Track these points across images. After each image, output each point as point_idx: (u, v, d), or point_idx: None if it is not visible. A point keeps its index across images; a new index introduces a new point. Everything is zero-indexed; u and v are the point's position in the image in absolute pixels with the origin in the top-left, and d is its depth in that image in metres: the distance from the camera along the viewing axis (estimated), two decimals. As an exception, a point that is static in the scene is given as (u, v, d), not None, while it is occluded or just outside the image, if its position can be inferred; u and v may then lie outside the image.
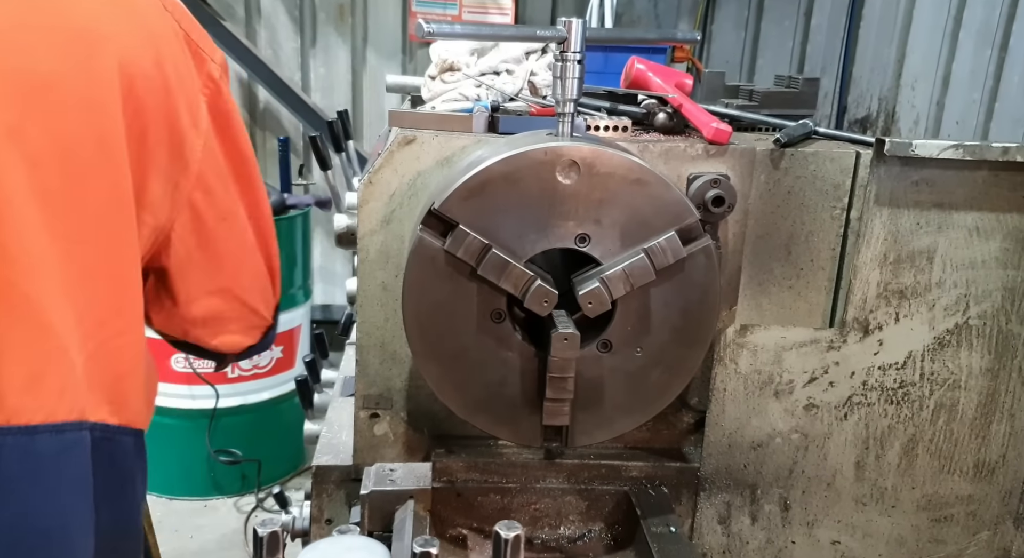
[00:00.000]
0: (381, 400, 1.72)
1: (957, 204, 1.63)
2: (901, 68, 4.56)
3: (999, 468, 1.77)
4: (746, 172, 1.61)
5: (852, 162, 1.62)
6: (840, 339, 1.69)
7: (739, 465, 1.75)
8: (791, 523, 1.79)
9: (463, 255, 1.43)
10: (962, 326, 1.69)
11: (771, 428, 1.73)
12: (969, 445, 1.76)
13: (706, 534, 1.79)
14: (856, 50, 5.04)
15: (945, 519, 1.80)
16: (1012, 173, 1.61)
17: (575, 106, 1.47)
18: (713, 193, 1.57)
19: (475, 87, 1.91)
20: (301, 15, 5.59)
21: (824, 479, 1.77)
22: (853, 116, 5.02)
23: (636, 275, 1.45)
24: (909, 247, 1.65)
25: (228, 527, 3.91)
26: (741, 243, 1.65)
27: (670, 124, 1.70)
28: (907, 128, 4.47)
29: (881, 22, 4.79)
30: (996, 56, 3.78)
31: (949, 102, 4.14)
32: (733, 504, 1.77)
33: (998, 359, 1.71)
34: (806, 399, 1.72)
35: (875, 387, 1.71)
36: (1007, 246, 1.65)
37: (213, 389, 3.86)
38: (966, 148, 1.57)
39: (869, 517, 1.79)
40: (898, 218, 1.63)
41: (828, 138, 1.71)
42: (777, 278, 1.68)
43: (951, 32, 4.12)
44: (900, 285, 1.67)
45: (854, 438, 1.74)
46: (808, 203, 1.64)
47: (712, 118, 1.63)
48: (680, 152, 1.60)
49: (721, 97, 2.01)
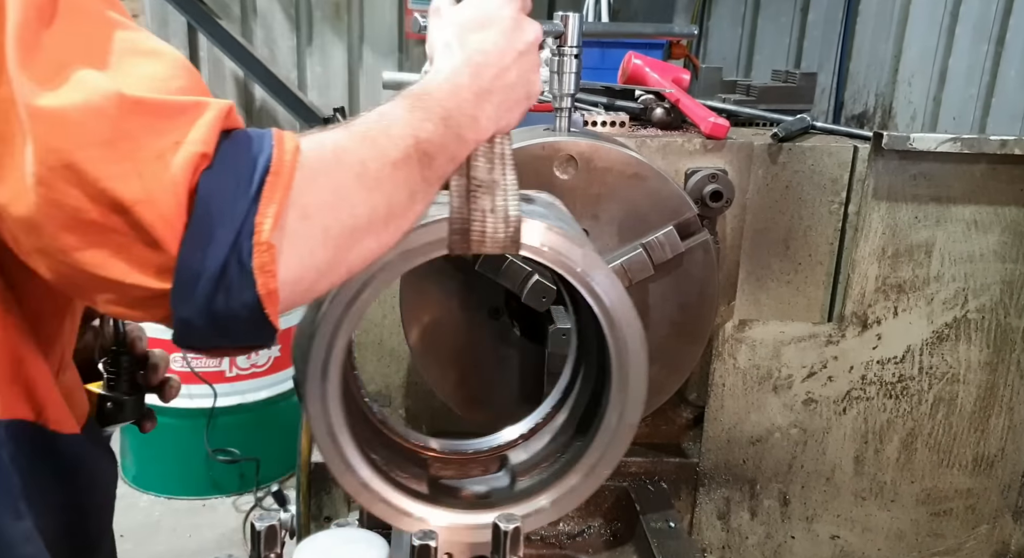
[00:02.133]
0: (379, 397, 1.71)
1: (955, 198, 1.62)
2: (898, 64, 4.56)
3: (998, 461, 1.77)
4: (744, 167, 1.61)
5: (850, 156, 1.62)
6: (839, 333, 1.68)
7: (738, 460, 1.75)
8: (790, 518, 1.79)
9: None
10: (961, 320, 1.69)
11: (770, 423, 1.73)
12: (968, 439, 1.76)
13: (705, 529, 1.78)
14: (853, 46, 5.04)
15: (944, 513, 1.80)
16: (1010, 166, 1.61)
17: (572, 101, 1.46)
18: (711, 188, 1.56)
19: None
20: (297, 13, 5.58)
21: (823, 474, 1.77)
22: (850, 112, 5.03)
23: (634, 270, 1.44)
24: (907, 241, 1.64)
25: (227, 526, 3.91)
26: (739, 238, 1.65)
27: (667, 119, 1.69)
28: (904, 124, 4.47)
29: (877, 18, 4.79)
30: (993, 51, 3.78)
31: (946, 97, 4.14)
32: (732, 499, 1.77)
33: (997, 353, 1.71)
34: (805, 394, 1.72)
35: (874, 381, 1.71)
36: (1005, 239, 1.65)
37: (211, 388, 3.85)
38: (964, 141, 1.56)
39: (868, 511, 1.79)
40: (896, 212, 1.63)
41: (826, 132, 1.71)
42: (775, 273, 1.67)
43: (947, 27, 4.12)
44: (898, 279, 1.66)
45: (853, 432, 1.74)
46: (806, 197, 1.64)
47: (710, 113, 1.63)
48: (678, 147, 1.60)
49: (718, 92, 2.01)
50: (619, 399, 1.16)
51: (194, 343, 0.82)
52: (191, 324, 0.78)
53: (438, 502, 1.19)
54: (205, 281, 0.76)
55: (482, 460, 1.19)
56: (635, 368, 1.15)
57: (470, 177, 1.04)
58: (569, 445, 1.29)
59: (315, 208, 0.81)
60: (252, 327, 0.80)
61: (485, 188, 1.05)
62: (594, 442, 1.19)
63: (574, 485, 1.20)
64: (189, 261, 0.76)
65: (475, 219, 1.05)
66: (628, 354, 1.14)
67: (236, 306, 0.78)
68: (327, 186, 0.82)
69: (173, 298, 0.77)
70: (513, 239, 1.08)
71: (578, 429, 1.30)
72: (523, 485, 1.26)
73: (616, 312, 1.12)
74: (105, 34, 0.78)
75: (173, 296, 0.77)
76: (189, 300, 0.77)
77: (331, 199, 0.83)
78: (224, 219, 0.76)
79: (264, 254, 0.77)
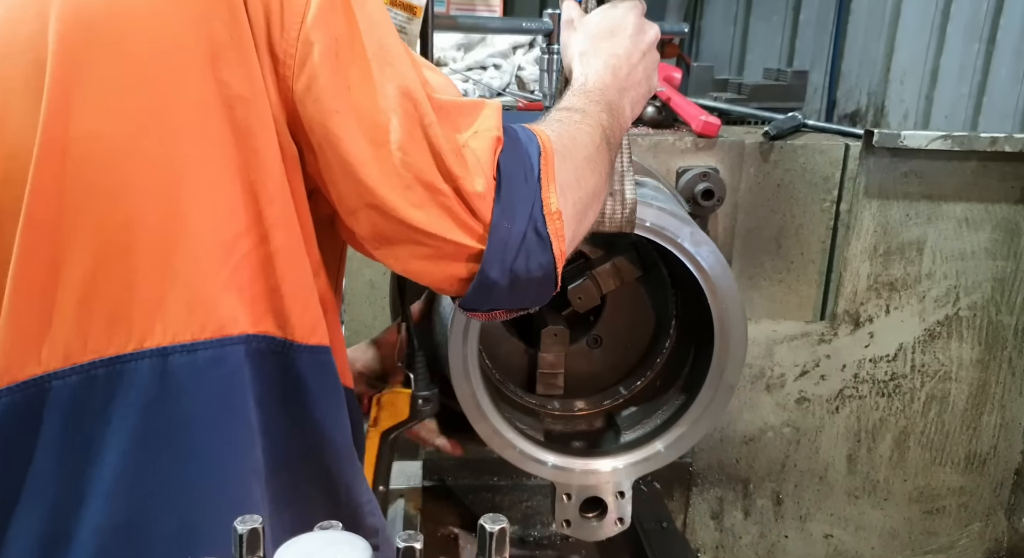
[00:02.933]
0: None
1: (946, 195, 1.62)
2: (890, 63, 4.57)
3: (990, 459, 1.77)
4: (735, 165, 1.61)
5: (841, 154, 1.62)
6: (831, 332, 1.68)
7: (731, 460, 1.74)
8: (784, 517, 1.79)
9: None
10: (952, 317, 1.69)
11: (763, 422, 1.72)
12: (960, 437, 1.76)
13: (699, 529, 1.78)
14: (845, 45, 5.05)
15: (937, 511, 1.80)
16: (1001, 163, 1.61)
17: (563, 99, 1.46)
18: (702, 186, 1.56)
19: (462, 82, 1.90)
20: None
21: (816, 472, 1.76)
22: (842, 111, 5.03)
23: (625, 270, 1.44)
24: (899, 239, 1.64)
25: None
26: (731, 236, 1.64)
27: (659, 118, 1.69)
28: (896, 122, 4.48)
29: (869, 17, 4.80)
30: (984, 50, 3.79)
31: (938, 96, 4.15)
32: (725, 499, 1.77)
33: (988, 350, 1.71)
34: (797, 392, 1.71)
35: (866, 380, 1.71)
36: (996, 237, 1.65)
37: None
38: (955, 139, 1.56)
39: (861, 510, 1.79)
40: (888, 210, 1.62)
41: (817, 130, 1.70)
42: (767, 271, 1.67)
43: (939, 26, 4.12)
44: (890, 277, 1.66)
45: (846, 431, 1.74)
46: (798, 196, 1.64)
47: (701, 111, 1.62)
48: (669, 145, 1.60)
49: (710, 91, 2.00)
50: (720, 361, 1.32)
51: (487, 302, 0.95)
52: (495, 283, 0.92)
53: (555, 449, 1.37)
54: (511, 246, 0.91)
55: (587, 416, 1.34)
56: (736, 333, 1.30)
57: None
58: (669, 403, 1.43)
59: (566, 186, 0.96)
60: (544, 285, 0.95)
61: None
62: (697, 398, 1.35)
63: (682, 433, 1.37)
64: (499, 229, 0.90)
65: None
66: (729, 321, 1.30)
67: (534, 267, 0.92)
68: (570, 169, 0.98)
69: (485, 259, 0.90)
70: (629, 220, 1.22)
71: (683, 389, 1.43)
72: (628, 438, 1.43)
73: (719, 284, 1.28)
74: (411, 56, 0.94)
75: (486, 257, 0.90)
76: (497, 261, 0.90)
77: (573, 179, 0.98)
78: (521, 195, 0.92)
79: (556, 221, 0.93)
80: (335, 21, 0.88)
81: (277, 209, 0.90)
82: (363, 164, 0.87)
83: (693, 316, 1.39)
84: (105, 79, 0.84)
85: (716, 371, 1.33)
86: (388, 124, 0.87)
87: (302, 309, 0.94)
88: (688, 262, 1.27)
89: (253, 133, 0.88)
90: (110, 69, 0.85)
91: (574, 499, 1.38)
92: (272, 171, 0.89)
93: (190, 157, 0.86)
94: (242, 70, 0.86)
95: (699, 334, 1.38)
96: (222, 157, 0.87)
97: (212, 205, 0.87)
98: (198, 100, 0.86)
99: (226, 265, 0.89)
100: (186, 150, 0.86)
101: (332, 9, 0.87)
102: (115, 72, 0.85)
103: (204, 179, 0.87)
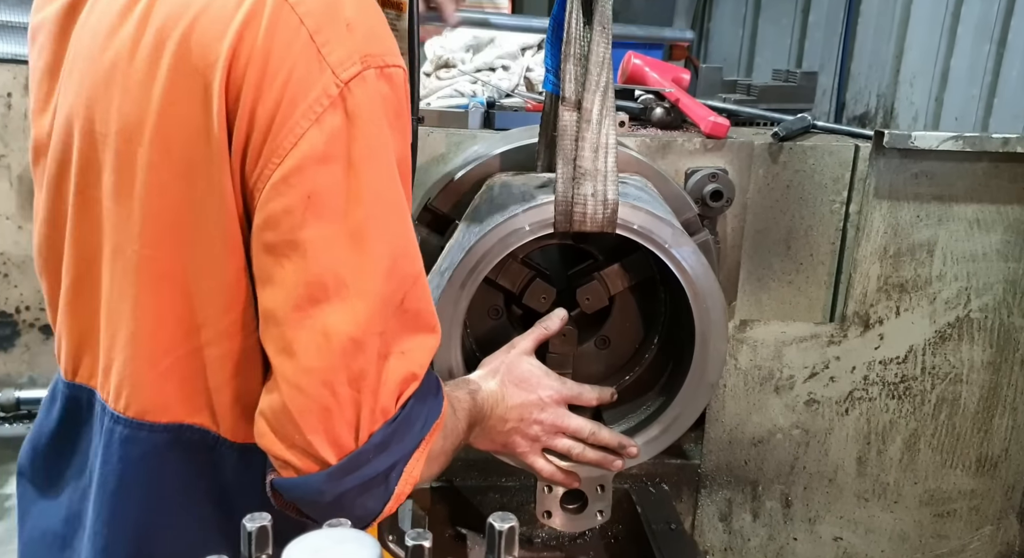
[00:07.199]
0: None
1: (957, 196, 1.61)
2: (899, 64, 4.55)
3: (1002, 462, 1.76)
4: (744, 166, 1.60)
5: (851, 155, 1.61)
6: (840, 334, 1.67)
7: (740, 462, 1.74)
8: (793, 520, 1.78)
9: (460, 251, 1.42)
10: (963, 319, 1.68)
11: (772, 424, 1.72)
12: (971, 439, 1.75)
13: (707, 531, 1.77)
14: (854, 46, 5.03)
15: (948, 514, 1.79)
16: (1013, 164, 1.60)
17: (571, 100, 1.45)
18: (711, 187, 1.55)
19: (471, 83, 1.90)
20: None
21: (826, 475, 1.75)
22: (852, 113, 5.01)
23: (633, 271, 1.43)
24: (909, 240, 1.63)
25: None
26: (740, 238, 1.64)
27: (667, 119, 1.69)
28: (906, 124, 4.46)
29: (879, 18, 4.78)
30: (995, 51, 3.77)
31: (948, 98, 4.13)
32: (734, 501, 1.76)
33: (1000, 352, 1.70)
34: (807, 394, 1.71)
35: (876, 382, 1.70)
36: (1008, 238, 1.64)
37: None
38: (966, 139, 1.55)
39: (871, 513, 1.78)
40: (898, 211, 1.62)
41: (827, 132, 1.70)
42: (776, 273, 1.66)
43: (949, 27, 4.10)
44: (900, 279, 1.65)
45: (855, 433, 1.73)
46: (807, 197, 1.63)
47: (710, 112, 1.62)
48: (678, 146, 1.59)
49: (719, 92, 2.00)
50: (701, 360, 1.33)
51: (297, 498, 0.93)
52: (320, 497, 0.91)
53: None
54: (360, 477, 0.91)
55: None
56: (716, 333, 1.32)
57: (576, 165, 1.20)
58: (651, 401, 1.45)
59: (432, 458, 1.00)
60: (359, 522, 0.94)
61: (589, 175, 1.21)
62: (676, 398, 1.36)
63: (655, 436, 1.38)
64: (363, 457, 0.91)
65: (578, 202, 1.22)
66: (710, 321, 1.31)
67: (361, 505, 0.93)
68: (439, 449, 1.03)
69: (330, 473, 0.89)
70: (610, 220, 1.24)
71: (664, 387, 1.45)
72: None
73: (700, 283, 1.29)
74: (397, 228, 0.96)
75: (331, 472, 0.90)
76: (336, 482, 0.90)
77: (439, 454, 1.04)
78: (401, 442, 0.94)
79: (406, 484, 0.95)
80: (320, 174, 0.86)
81: (226, 319, 0.95)
82: (275, 337, 0.91)
83: (682, 316, 1.39)
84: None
85: (696, 370, 1.34)
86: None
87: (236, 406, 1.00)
88: (669, 262, 1.28)
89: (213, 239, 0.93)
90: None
91: (555, 490, 1.40)
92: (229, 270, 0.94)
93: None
94: (211, 188, 0.90)
95: (684, 334, 1.38)
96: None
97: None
98: (174, 208, 0.92)
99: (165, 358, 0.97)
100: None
101: (323, 160, 0.86)
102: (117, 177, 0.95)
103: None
